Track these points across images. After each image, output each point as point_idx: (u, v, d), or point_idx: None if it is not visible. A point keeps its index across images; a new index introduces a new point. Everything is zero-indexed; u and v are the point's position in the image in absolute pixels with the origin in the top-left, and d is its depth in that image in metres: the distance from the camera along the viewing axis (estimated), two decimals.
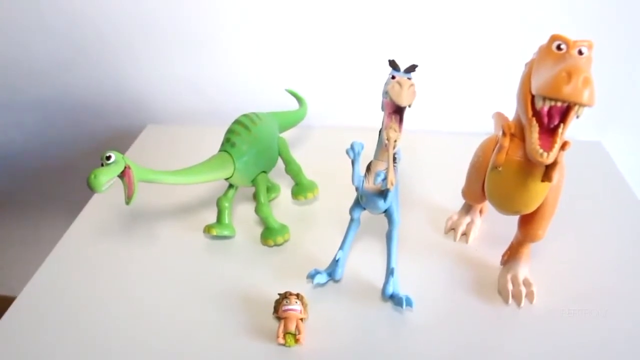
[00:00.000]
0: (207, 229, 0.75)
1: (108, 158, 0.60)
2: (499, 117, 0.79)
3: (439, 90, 1.00)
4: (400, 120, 0.55)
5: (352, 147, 0.55)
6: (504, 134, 0.57)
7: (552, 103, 0.48)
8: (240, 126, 0.74)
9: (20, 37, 1.03)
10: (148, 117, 1.12)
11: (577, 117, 0.49)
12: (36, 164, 1.21)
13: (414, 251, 0.74)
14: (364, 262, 0.72)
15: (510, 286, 0.66)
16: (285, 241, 0.76)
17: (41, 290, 0.70)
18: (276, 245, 0.75)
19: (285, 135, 0.84)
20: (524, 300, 0.65)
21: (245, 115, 0.76)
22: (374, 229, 0.77)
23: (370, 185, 0.59)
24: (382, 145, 0.57)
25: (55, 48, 1.04)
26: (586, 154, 0.95)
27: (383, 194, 0.59)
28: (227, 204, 0.77)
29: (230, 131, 0.74)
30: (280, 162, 0.81)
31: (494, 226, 0.78)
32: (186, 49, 1.01)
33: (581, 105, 0.47)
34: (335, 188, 0.84)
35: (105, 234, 0.79)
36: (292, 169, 0.81)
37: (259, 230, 0.78)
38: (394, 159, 0.55)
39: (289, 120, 0.86)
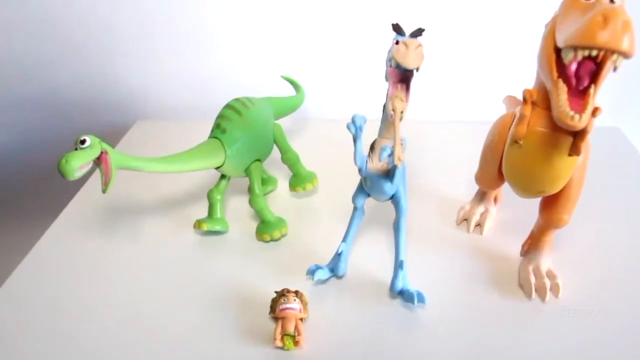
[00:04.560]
0: (198, 224, 0.69)
1: (82, 142, 0.54)
2: (511, 100, 0.73)
3: (446, 77, 0.95)
4: (407, 89, 0.48)
5: (353, 121, 0.49)
6: (524, 101, 0.50)
7: (585, 53, 0.41)
8: (232, 111, 0.68)
9: (4, 34, 0.99)
10: (137, 113, 1.08)
11: (615, 69, 0.42)
12: (21, 163, 1.16)
13: (424, 244, 0.68)
14: (369, 256, 0.66)
15: (532, 278, 0.60)
16: (283, 236, 0.70)
17: (18, 291, 0.64)
18: (273, 240, 0.69)
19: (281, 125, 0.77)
20: (548, 294, 0.59)
21: (236, 100, 0.70)
22: (380, 219, 0.71)
23: (374, 165, 0.53)
24: (387, 119, 0.50)
25: (41, 45, 1.00)
26: (605, 139, 0.88)
27: (389, 174, 0.53)
28: (218, 197, 0.70)
29: (220, 116, 0.68)
30: (275, 152, 0.75)
31: (511, 214, 0.72)
32: (175, 41, 0.98)
33: (620, 53, 0.40)
34: (336, 179, 0.79)
35: (88, 231, 0.73)
36: (289, 158, 0.75)
37: (254, 224, 0.72)
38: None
39: (285, 106, 0.80)
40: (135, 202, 0.79)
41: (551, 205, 0.57)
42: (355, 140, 0.51)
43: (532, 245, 0.62)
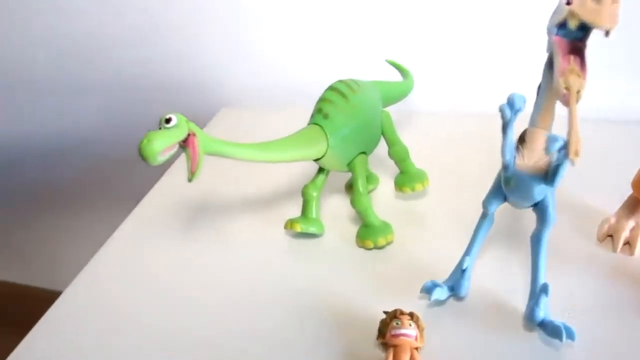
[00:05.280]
0: (290, 224, 0.60)
1: (168, 121, 0.46)
2: None
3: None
4: (583, 63, 0.37)
5: (510, 102, 0.38)
6: None
7: None
8: (336, 93, 0.59)
9: (90, 13, 0.96)
10: (222, 100, 1.01)
11: None
12: (100, 149, 1.13)
13: (556, 263, 0.55)
14: (495, 273, 0.55)
15: None
16: (388, 243, 0.59)
17: (88, 288, 0.58)
18: (376, 247, 0.59)
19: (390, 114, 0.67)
20: None
21: (341, 81, 0.60)
22: (505, 227, 0.59)
23: (525, 162, 0.42)
24: (546, 103, 0.39)
25: (123, 25, 0.97)
26: None
27: (546, 174, 0.41)
28: (315, 194, 0.61)
29: (322, 100, 0.59)
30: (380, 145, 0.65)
31: None
32: (265, 20, 0.91)
33: None
34: (448, 180, 0.69)
35: (165, 228, 0.66)
36: (397, 152, 0.65)
37: (353, 228, 0.62)
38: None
39: (394, 92, 0.70)
40: (219, 196, 0.71)
41: None
42: (505, 128, 0.39)
43: None
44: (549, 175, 0.41)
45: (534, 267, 0.48)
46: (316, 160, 0.58)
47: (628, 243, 0.58)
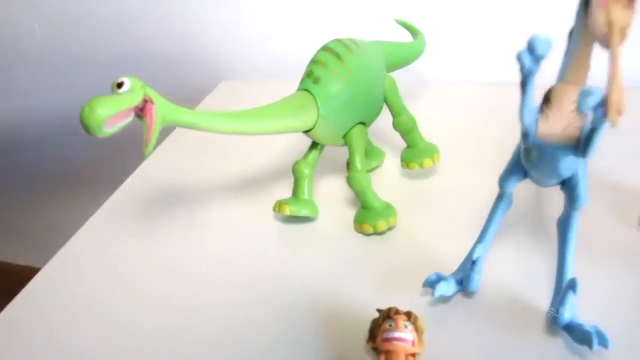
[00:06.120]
0: (279, 206, 0.53)
1: (120, 85, 0.39)
2: None
3: None
4: None
5: (531, 47, 0.29)
6: None
7: None
8: (329, 54, 0.51)
9: None
10: (223, 73, 0.96)
11: None
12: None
13: (591, 253, 0.47)
14: (512, 265, 0.47)
15: None
16: (390, 228, 0.52)
17: (58, 276, 0.52)
18: (376, 233, 0.52)
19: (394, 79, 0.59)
20: None
21: (337, 40, 0.53)
22: (526, 209, 0.51)
23: (551, 127, 0.33)
24: (580, 50, 0.31)
25: (118, 2, 0.94)
26: None
27: (580, 141, 0.33)
28: (307, 171, 0.54)
29: (313, 62, 0.51)
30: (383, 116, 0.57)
31: None
32: None
33: None
34: (461, 156, 0.61)
35: (144, 213, 0.60)
36: (403, 123, 0.57)
37: (352, 211, 0.55)
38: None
39: (401, 54, 0.62)
40: (203, 177, 0.65)
41: None
42: (525, 82, 0.31)
43: None
44: (580, 143, 0.32)
45: (560, 258, 0.41)
46: (306, 132, 0.50)
47: None
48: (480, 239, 0.44)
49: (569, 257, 0.40)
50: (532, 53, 0.29)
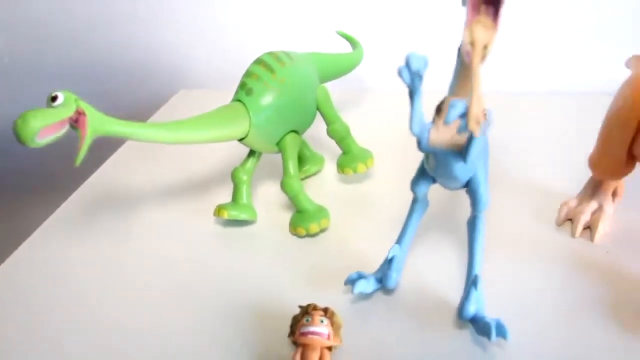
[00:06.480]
0: (218, 211, 0.55)
1: (54, 99, 0.41)
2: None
3: (545, 38, 0.76)
4: (496, 14, 0.31)
5: (407, 63, 0.32)
6: None
7: None
8: (262, 67, 0.53)
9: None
10: (182, 82, 0.97)
11: None
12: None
13: (508, 252, 0.50)
14: (432, 264, 0.50)
15: None
16: (322, 230, 0.54)
17: (10, 281, 0.53)
18: (309, 235, 0.54)
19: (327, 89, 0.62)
20: None
21: (269, 53, 0.55)
22: (445, 214, 0.54)
23: (441, 135, 0.36)
24: (463, 64, 0.33)
25: (81, 11, 0.94)
26: None
27: (463, 148, 0.36)
28: (245, 177, 0.56)
29: (247, 74, 0.54)
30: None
31: (635, 216, 0.52)
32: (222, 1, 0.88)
33: None
34: (397, 161, 0.63)
35: (91, 222, 0.61)
36: (336, 130, 0.59)
37: (288, 214, 0.57)
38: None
39: (336, 64, 0.64)
40: (150, 182, 0.67)
41: None
42: (411, 95, 0.34)
43: None
44: (463, 150, 0.35)
45: (469, 256, 0.43)
46: (240, 140, 0.53)
47: (589, 228, 0.52)
48: (398, 239, 0.46)
49: (476, 255, 0.43)
50: (410, 69, 0.31)
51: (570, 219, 0.53)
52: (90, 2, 0.92)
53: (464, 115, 0.31)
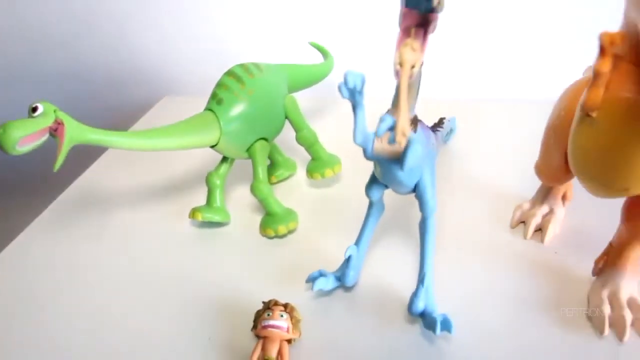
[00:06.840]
0: (193, 213, 0.58)
1: (34, 110, 0.44)
2: None
3: (503, 49, 0.79)
4: (424, 37, 0.34)
5: (345, 81, 0.35)
6: (602, 52, 0.34)
7: None
8: (232, 78, 0.57)
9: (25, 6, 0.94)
10: (167, 89, 1.00)
11: None
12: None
13: (463, 252, 0.54)
14: (390, 263, 0.53)
15: (607, 309, 0.44)
16: (290, 231, 0.58)
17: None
18: (277, 236, 0.57)
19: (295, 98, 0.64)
20: (628, 331, 0.43)
21: (240, 65, 0.58)
22: (401, 217, 0.57)
23: (383, 145, 0.39)
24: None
25: (66, 17, 0.95)
26: None
27: (400, 157, 0.39)
28: (218, 182, 0.59)
29: (218, 85, 0.57)
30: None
31: (583, 219, 0.56)
32: (206, 7, 0.90)
33: None
34: (363, 167, 0.64)
35: (72, 227, 0.63)
36: (304, 137, 0.62)
37: (259, 216, 0.60)
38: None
39: (305, 75, 0.67)
40: (128, 186, 0.69)
41: (639, 208, 0.41)
42: (353, 108, 0.37)
43: (610, 262, 0.46)
44: (401, 158, 0.39)
45: (421, 256, 0.46)
46: (212, 147, 0.56)
47: (540, 230, 0.55)
48: (356, 241, 0.49)
49: (427, 255, 0.46)
50: (347, 85, 0.35)
51: (524, 222, 0.57)
52: (75, 9, 0.93)
53: (392, 129, 0.34)
